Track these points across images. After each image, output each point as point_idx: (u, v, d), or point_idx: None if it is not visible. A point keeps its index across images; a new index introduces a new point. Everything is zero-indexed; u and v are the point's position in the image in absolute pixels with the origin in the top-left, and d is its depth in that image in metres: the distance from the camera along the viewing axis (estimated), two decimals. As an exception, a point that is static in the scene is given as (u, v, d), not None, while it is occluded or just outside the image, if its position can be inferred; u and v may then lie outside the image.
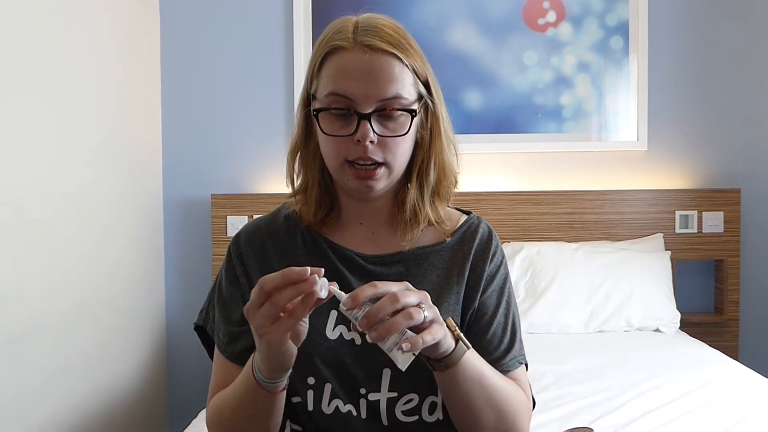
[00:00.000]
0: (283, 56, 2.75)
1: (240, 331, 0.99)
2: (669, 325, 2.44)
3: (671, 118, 2.75)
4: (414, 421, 0.97)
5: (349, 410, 0.96)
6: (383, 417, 0.96)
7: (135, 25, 2.55)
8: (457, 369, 0.88)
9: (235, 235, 1.06)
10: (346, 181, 0.95)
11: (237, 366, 0.97)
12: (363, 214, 1.03)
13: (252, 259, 1.02)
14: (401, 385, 0.96)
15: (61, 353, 1.98)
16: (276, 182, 2.75)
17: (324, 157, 0.97)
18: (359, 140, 0.91)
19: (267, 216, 1.08)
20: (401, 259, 1.01)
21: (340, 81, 0.91)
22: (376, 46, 0.91)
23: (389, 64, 0.91)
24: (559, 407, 1.69)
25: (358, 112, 0.91)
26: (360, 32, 0.92)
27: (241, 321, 0.97)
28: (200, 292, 2.76)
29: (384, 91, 0.91)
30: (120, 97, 2.40)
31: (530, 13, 2.73)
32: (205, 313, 1.07)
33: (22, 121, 1.80)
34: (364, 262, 1.00)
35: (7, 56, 1.74)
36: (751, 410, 1.63)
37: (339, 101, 0.91)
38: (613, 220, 2.67)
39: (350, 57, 0.91)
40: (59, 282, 1.98)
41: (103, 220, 2.25)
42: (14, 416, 1.75)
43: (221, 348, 1.01)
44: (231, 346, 0.99)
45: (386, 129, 0.92)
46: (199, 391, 2.73)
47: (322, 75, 0.94)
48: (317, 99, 0.95)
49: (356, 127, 0.91)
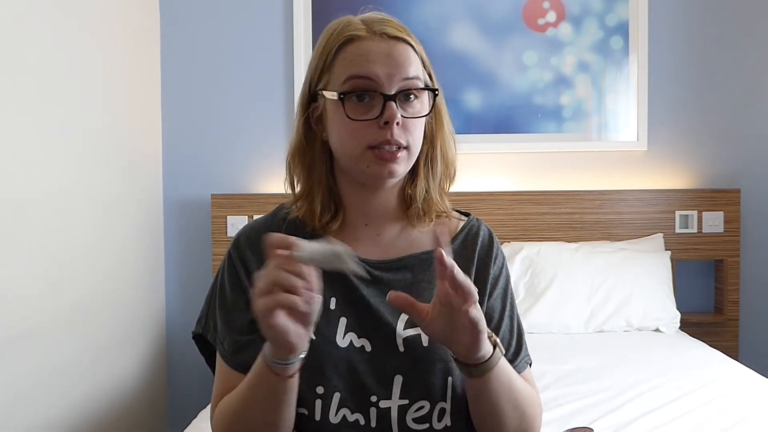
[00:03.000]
0: (283, 56, 2.75)
1: (247, 340, 0.95)
2: (669, 325, 2.44)
3: (671, 118, 2.75)
4: (425, 429, 0.95)
5: (357, 419, 0.94)
6: (394, 425, 0.94)
7: (135, 25, 2.55)
8: (492, 374, 0.87)
9: (234, 239, 1.02)
10: (365, 168, 0.92)
11: (242, 375, 0.93)
12: (369, 213, 1.01)
13: (254, 263, 0.98)
14: (413, 392, 0.94)
15: (61, 353, 1.98)
16: (276, 182, 2.75)
17: (340, 147, 0.94)
18: (386, 122, 0.90)
19: (265, 218, 1.05)
20: (407, 264, 1.00)
21: (360, 65, 0.91)
22: (391, 33, 0.93)
23: (405, 49, 0.93)
24: (559, 407, 1.69)
25: (384, 93, 0.90)
26: (373, 23, 0.94)
27: (248, 329, 0.95)
28: (200, 292, 2.76)
29: (406, 71, 0.92)
30: (120, 97, 2.40)
31: (530, 13, 2.73)
32: (204, 321, 1.03)
33: (21, 121, 1.80)
34: (371, 269, 0.98)
35: (6, 56, 1.74)
36: (751, 410, 1.63)
37: (362, 83, 0.91)
38: (613, 220, 2.67)
39: (369, 43, 0.92)
40: (59, 282, 1.98)
41: (103, 220, 2.25)
42: (14, 416, 1.75)
43: (226, 357, 0.98)
44: (237, 355, 0.96)
45: (406, 112, 0.93)
46: (199, 391, 2.74)
47: (337, 65, 0.93)
48: (331, 89, 0.93)
49: (382, 110, 0.90)
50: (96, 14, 2.21)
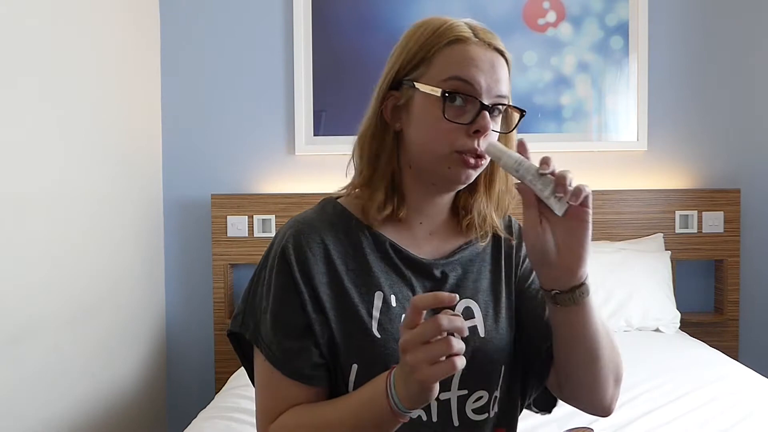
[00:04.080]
0: (283, 56, 2.75)
1: (300, 347, 0.91)
2: (669, 325, 2.44)
3: (671, 118, 2.75)
4: (483, 419, 0.95)
5: (419, 415, 0.93)
6: (454, 417, 0.94)
7: (135, 25, 2.55)
8: (588, 303, 0.87)
9: (287, 235, 0.94)
10: (446, 169, 0.91)
11: (299, 383, 0.90)
12: (427, 212, 1.00)
13: (313, 263, 0.92)
14: (471, 382, 0.94)
15: (61, 353, 1.98)
16: (276, 182, 2.75)
17: (424, 143, 0.92)
18: (477, 131, 0.89)
19: (314, 213, 0.98)
20: (458, 260, 1.00)
21: (467, 68, 0.90)
22: (496, 45, 0.93)
23: (504, 65, 0.94)
24: (559, 407, 1.66)
25: (482, 102, 0.90)
26: (478, 30, 0.94)
27: (303, 333, 0.91)
28: (200, 292, 2.77)
29: (501, 87, 0.92)
30: (120, 97, 2.40)
31: (530, 13, 2.73)
32: (242, 319, 0.96)
33: (21, 121, 1.80)
34: (427, 266, 0.98)
35: (6, 56, 1.74)
36: (751, 410, 1.63)
37: (464, 87, 0.90)
38: (613, 220, 2.67)
39: (477, 49, 0.91)
40: (59, 282, 1.98)
41: (104, 220, 2.25)
42: (14, 416, 1.75)
43: (277, 363, 0.91)
44: (291, 363, 0.91)
45: (495, 125, 0.93)
46: (199, 391, 2.74)
47: (439, 61, 0.91)
48: (426, 83, 0.91)
49: (475, 117, 0.89)
50: (96, 14, 2.21)
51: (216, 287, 2.68)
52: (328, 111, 2.74)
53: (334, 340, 0.91)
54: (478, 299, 0.99)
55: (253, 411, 1.76)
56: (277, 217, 2.66)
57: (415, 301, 0.75)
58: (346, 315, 0.92)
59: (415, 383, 0.76)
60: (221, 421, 1.72)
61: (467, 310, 0.97)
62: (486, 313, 0.99)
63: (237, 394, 1.91)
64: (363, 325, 0.91)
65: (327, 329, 0.92)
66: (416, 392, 0.77)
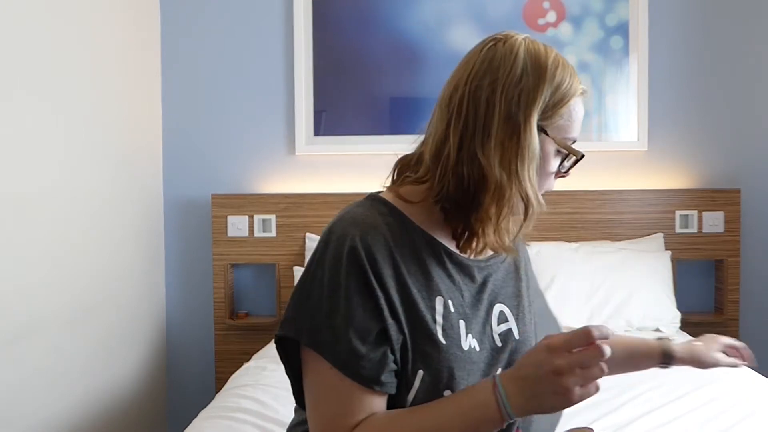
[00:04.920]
0: (284, 56, 2.75)
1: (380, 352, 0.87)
2: (669, 325, 2.44)
3: (671, 118, 2.75)
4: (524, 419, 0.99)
5: None
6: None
7: (135, 25, 2.55)
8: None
9: (353, 236, 0.89)
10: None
11: (373, 391, 0.87)
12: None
13: (382, 264, 0.89)
14: None
15: (61, 353, 1.98)
16: (276, 182, 2.75)
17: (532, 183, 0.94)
18: (562, 176, 1.01)
19: (368, 211, 0.94)
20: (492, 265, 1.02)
21: (577, 130, 0.98)
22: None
23: None
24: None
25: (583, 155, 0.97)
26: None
27: (380, 339, 0.88)
28: (200, 292, 2.77)
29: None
30: (120, 97, 2.40)
31: (530, 13, 2.73)
32: (297, 324, 0.90)
33: (22, 121, 1.80)
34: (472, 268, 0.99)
35: (6, 56, 1.74)
36: (751, 410, 1.63)
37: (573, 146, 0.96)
38: (613, 220, 2.67)
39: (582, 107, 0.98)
40: (59, 282, 1.98)
41: (104, 220, 2.25)
42: (14, 416, 1.75)
43: (347, 369, 0.86)
44: (371, 369, 0.86)
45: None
46: (199, 391, 2.74)
47: (566, 114, 0.95)
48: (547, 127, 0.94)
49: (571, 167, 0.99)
50: (96, 14, 2.21)
51: (216, 287, 2.67)
52: (329, 111, 2.74)
53: (406, 346, 0.89)
54: (509, 303, 1.02)
55: (253, 411, 1.77)
56: (277, 217, 2.66)
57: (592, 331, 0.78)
58: (414, 320, 0.90)
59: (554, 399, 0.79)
60: (221, 421, 1.72)
61: (501, 314, 1.00)
62: (517, 316, 1.02)
63: (237, 394, 1.91)
64: (429, 331, 0.90)
65: (401, 335, 0.89)
66: (549, 408, 0.81)
